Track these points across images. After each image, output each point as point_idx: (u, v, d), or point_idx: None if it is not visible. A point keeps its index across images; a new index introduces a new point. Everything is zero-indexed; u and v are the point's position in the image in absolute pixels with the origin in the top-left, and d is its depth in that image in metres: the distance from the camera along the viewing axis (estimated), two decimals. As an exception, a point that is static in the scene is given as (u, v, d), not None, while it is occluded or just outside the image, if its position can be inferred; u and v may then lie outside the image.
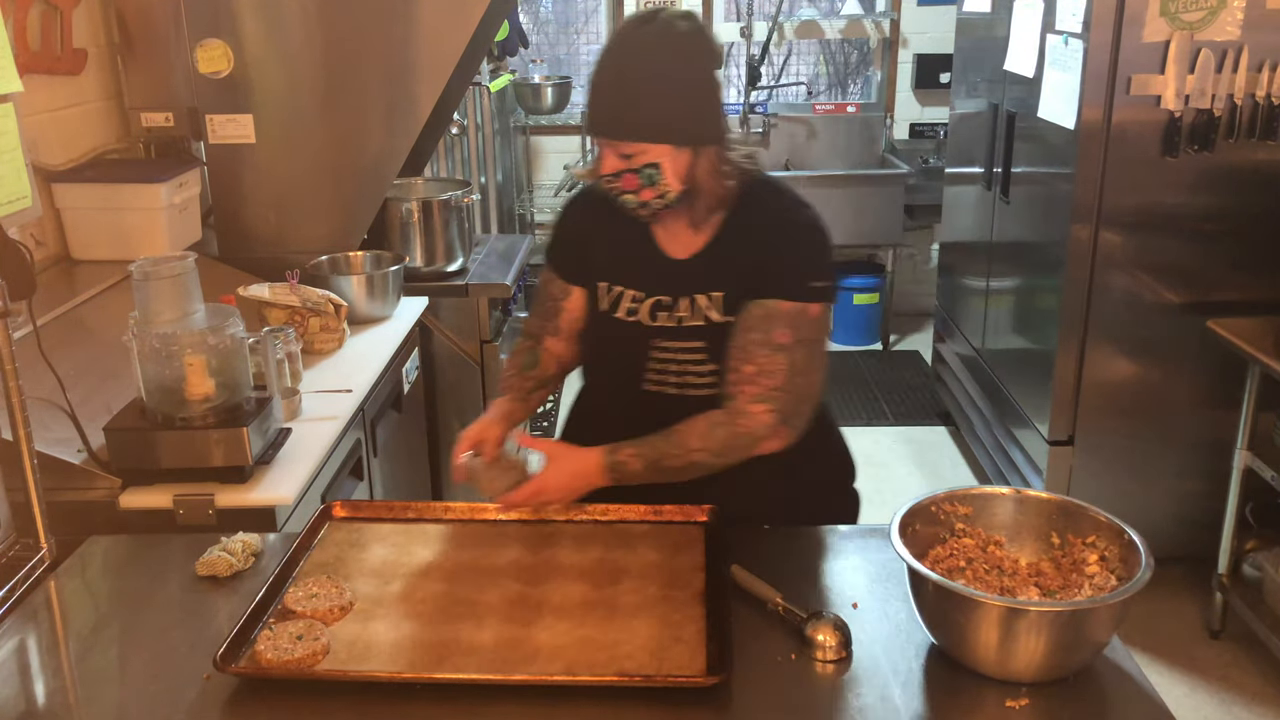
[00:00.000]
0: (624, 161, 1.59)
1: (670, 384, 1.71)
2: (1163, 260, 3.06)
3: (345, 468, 2.31)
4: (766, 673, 1.38)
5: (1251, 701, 2.83)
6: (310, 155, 3.00)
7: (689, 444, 1.62)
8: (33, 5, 2.60)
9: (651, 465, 1.63)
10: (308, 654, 1.36)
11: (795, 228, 1.67)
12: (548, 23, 5.80)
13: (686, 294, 1.69)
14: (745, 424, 1.62)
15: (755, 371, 1.62)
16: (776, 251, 1.65)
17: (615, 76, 1.58)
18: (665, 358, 1.70)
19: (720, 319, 1.67)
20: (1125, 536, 1.43)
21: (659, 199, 1.61)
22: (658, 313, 1.71)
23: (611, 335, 1.75)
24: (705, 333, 1.68)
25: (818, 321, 1.65)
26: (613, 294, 1.74)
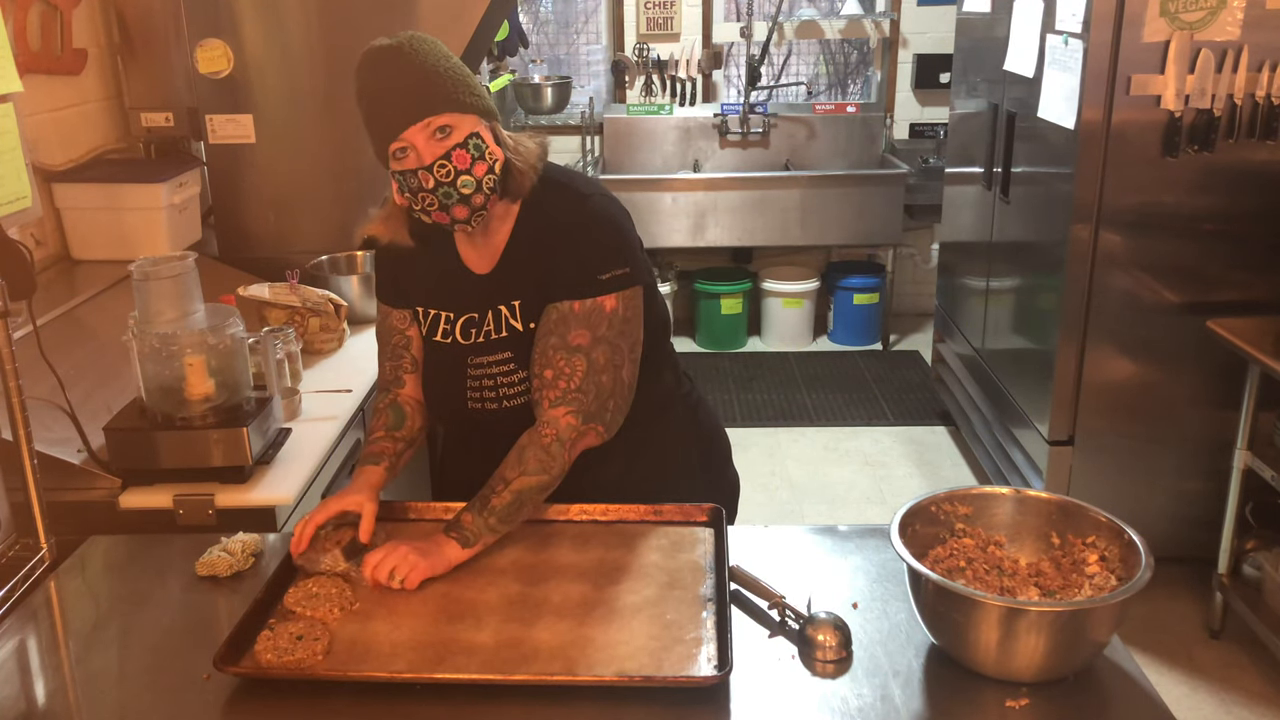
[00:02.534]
0: (444, 142, 1.54)
1: (489, 399, 1.71)
2: (1163, 260, 3.06)
3: (345, 468, 2.31)
4: (766, 673, 1.38)
5: (1251, 701, 2.83)
6: (310, 155, 3.00)
7: (506, 476, 1.60)
8: (33, 5, 2.60)
9: (482, 510, 1.58)
10: (308, 654, 1.36)
11: (578, 223, 1.65)
12: (548, 23, 5.80)
13: (490, 307, 1.69)
14: (549, 431, 1.62)
15: (554, 375, 1.62)
16: (563, 251, 1.63)
17: (392, 74, 1.54)
18: (480, 374, 1.70)
19: (523, 328, 1.67)
20: (1125, 536, 1.43)
21: (490, 173, 1.57)
22: (469, 330, 1.70)
23: (433, 359, 1.76)
24: (510, 343, 1.68)
25: (615, 314, 1.63)
26: (429, 318, 1.74)
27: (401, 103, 1.54)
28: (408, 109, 1.54)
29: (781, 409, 4.74)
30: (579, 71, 5.79)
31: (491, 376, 1.70)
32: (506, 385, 1.69)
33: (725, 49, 5.63)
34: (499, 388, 1.70)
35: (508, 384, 1.69)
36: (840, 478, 4.11)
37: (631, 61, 5.52)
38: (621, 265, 1.64)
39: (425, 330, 1.76)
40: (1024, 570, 1.48)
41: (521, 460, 1.61)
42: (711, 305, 5.38)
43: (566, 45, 5.80)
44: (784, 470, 4.17)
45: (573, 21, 5.76)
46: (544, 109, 5.28)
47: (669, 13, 5.44)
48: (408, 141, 1.55)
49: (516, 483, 1.60)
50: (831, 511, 3.83)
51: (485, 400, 1.71)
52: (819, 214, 5.11)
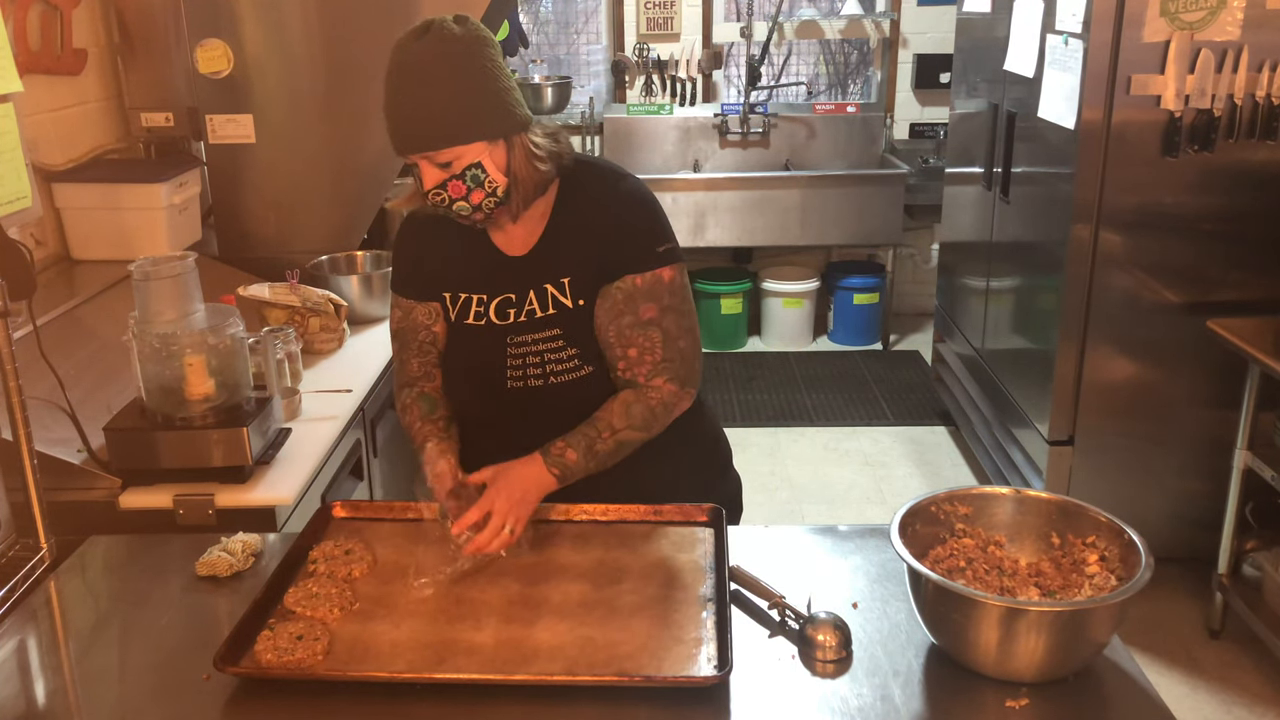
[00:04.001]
0: (445, 171, 1.58)
1: (533, 376, 1.71)
2: (1163, 260, 3.06)
3: (345, 468, 2.31)
4: (766, 673, 1.38)
5: (1251, 701, 2.83)
6: (310, 155, 3.00)
7: (614, 424, 1.67)
8: (33, 5, 2.60)
9: (586, 453, 1.65)
10: (308, 654, 1.36)
11: (624, 201, 1.70)
12: (548, 23, 5.80)
13: (533, 286, 1.70)
14: (655, 396, 1.69)
15: (638, 353, 1.69)
16: (614, 229, 1.68)
17: (409, 94, 1.56)
18: (523, 352, 1.71)
19: (572, 305, 1.69)
20: (1125, 536, 1.43)
21: (490, 197, 1.61)
22: (505, 310, 1.72)
23: (466, 342, 1.76)
24: (559, 320, 1.70)
25: (673, 284, 1.70)
26: (459, 302, 1.75)
27: (409, 133, 1.57)
28: (414, 140, 1.57)
29: (781, 409, 4.74)
30: (579, 71, 5.79)
31: (538, 354, 1.70)
32: (555, 362, 1.70)
33: (725, 49, 5.63)
34: (546, 364, 1.70)
35: (555, 360, 1.70)
36: (840, 478, 4.11)
37: (631, 61, 5.52)
38: (670, 240, 1.71)
39: (455, 315, 1.76)
40: (1024, 570, 1.48)
41: (629, 414, 1.68)
42: (711, 305, 5.38)
43: (566, 45, 5.80)
44: (784, 470, 4.17)
45: (573, 21, 5.76)
46: (544, 109, 5.28)
47: (669, 13, 5.44)
48: (417, 164, 1.60)
49: (623, 433, 1.67)
50: (831, 511, 3.84)
51: (530, 378, 1.71)
52: (819, 214, 5.11)
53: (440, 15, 1.60)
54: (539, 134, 1.65)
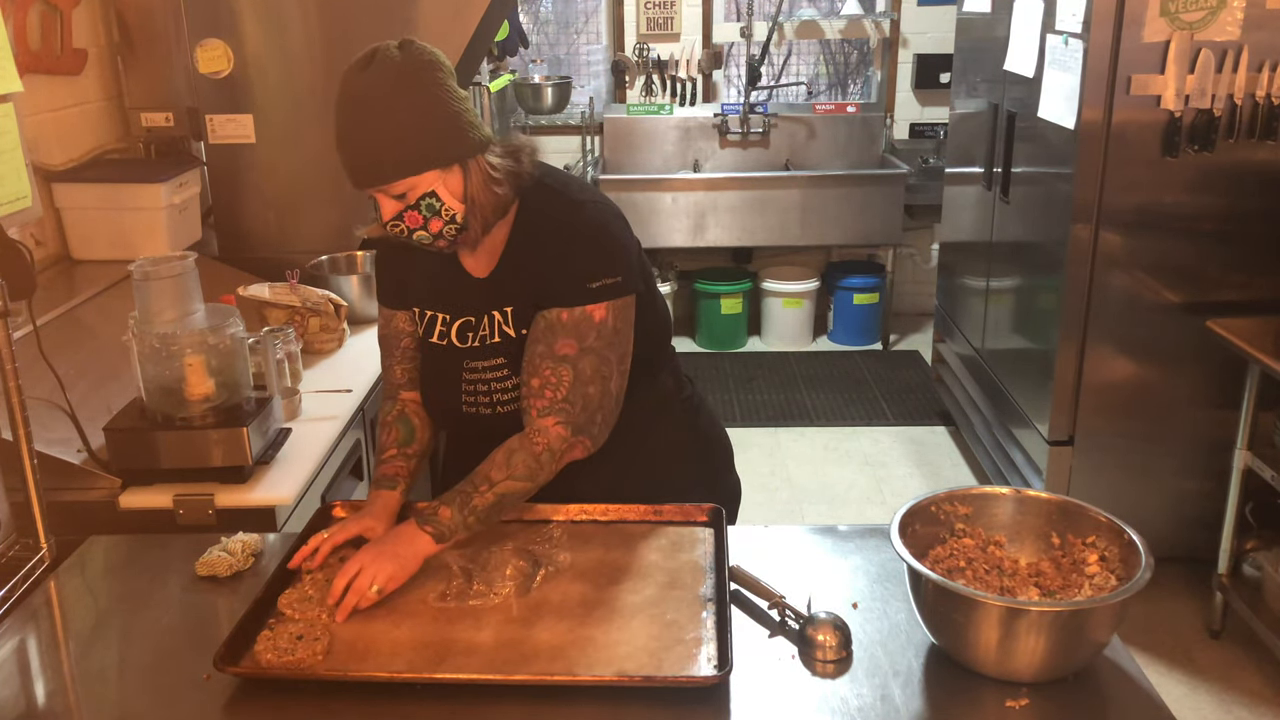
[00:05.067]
0: (400, 202, 1.55)
1: (483, 404, 1.70)
2: (1163, 260, 3.06)
3: (345, 468, 2.31)
4: (766, 673, 1.38)
5: (1251, 701, 2.83)
6: (310, 155, 3.00)
7: (492, 477, 1.59)
8: (33, 5, 2.60)
9: (462, 508, 1.57)
10: (308, 654, 1.36)
11: (570, 231, 1.62)
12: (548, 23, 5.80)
13: (486, 311, 1.69)
14: (540, 440, 1.61)
15: (540, 385, 1.61)
16: (554, 259, 1.62)
17: (356, 127, 1.53)
18: (475, 378, 1.70)
19: (515, 334, 1.67)
20: (1125, 536, 1.43)
21: (450, 224, 1.57)
22: (465, 333, 1.70)
23: (429, 360, 1.76)
24: (503, 349, 1.68)
25: (604, 325, 1.61)
26: (426, 318, 1.74)
27: (360, 167, 1.55)
28: (365, 174, 1.55)
29: (781, 409, 4.74)
30: (579, 71, 5.79)
31: (485, 382, 1.70)
32: (500, 391, 1.69)
33: (725, 49, 5.63)
34: (492, 393, 1.70)
35: (500, 390, 1.69)
36: (840, 478, 4.11)
37: (631, 61, 5.52)
38: (613, 274, 1.61)
39: (422, 331, 1.76)
40: (1024, 570, 1.48)
41: (510, 464, 1.60)
42: (711, 305, 5.38)
43: (566, 45, 5.80)
44: (784, 470, 4.17)
45: (573, 21, 5.76)
46: (544, 109, 5.28)
47: (669, 13, 5.44)
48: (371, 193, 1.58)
49: (502, 485, 1.59)
50: (831, 511, 3.84)
51: (479, 405, 1.71)
52: (819, 214, 5.11)
53: (385, 41, 1.57)
54: (498, 154, 1.60)
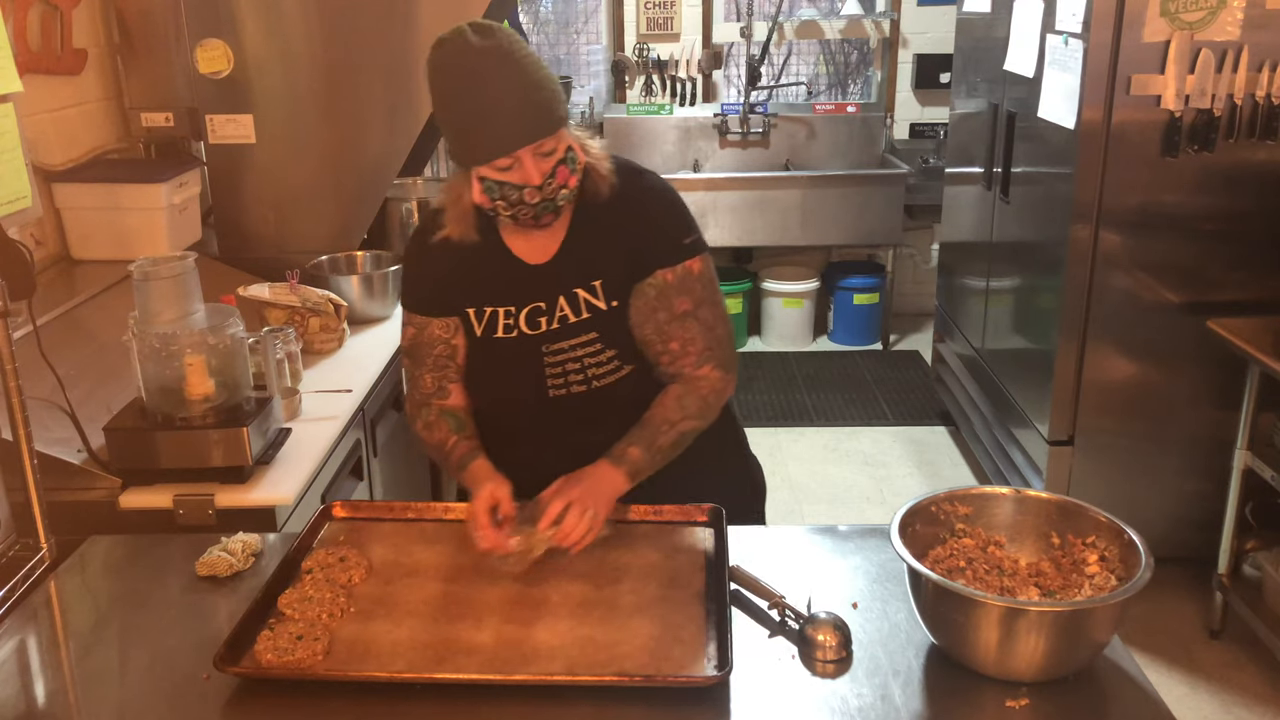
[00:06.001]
0: (549, 160, 1.55)
1: (575, 382, 1.71)
2: (1163, 260, 3.06)
3: (345, 468, 2.31)
4: (766, 673, 1.38)
5: (1251, 701, 2.83)
6: (310, 155, 3.00)
7: (670, 418, 1.68)
8: (33, 5, 2.60)
9: (649, 448, 1.66)
10: (308, 654, 1.36)
11: (647, 197, 1.71)
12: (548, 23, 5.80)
13: (562, 293, 1.69)
14: (704, 385, 1.72)
15: (680, 346, 1.70)
16: (641, 226, 1.68)
17: (498, 91, 1.50)
18: (561, 358, 1.70)
19: (606, 306, 1.69)
20: (1125, 536, 1.43)
21: (579, 183, 1.62)
22: (537, 319, 1.70)
23: (499, 356, 1.74)
24: (594, 323, 1.69)
25: (703, 275, 1.71)
26: (486, 316, 1.73)
27: (517, 123, 1.52)
28: (520, 132, 1.52)
29: (781, 409, 4.74)
30: (579, 71, 5.79)
31: (577, 359, 1.70)
32: (594, 365, 1.70)
33: (725, 49, 5.63)
34: (586, 369, 1.70)
35: (595, 364, 1.70)
36: (840, 478, 4.11)
37: (631, 61, 5.52)
38: (694, 231, 1.72)
39: (481, 330, 1.73)
40: (1024, 570, 1.48)
41: (683, 405, 1.69)
42: (711, 305, 5.38)
43: (566, 45, 5.80)
44: (784, 470, 4.17)
45: (573, 21, 5.76)
46: (544, 109, 5.27)
47: (669, 13, 5.44)
48: (516, 158, 1.54)
49: (681, 424, 1.69)
50: (831, 511, 3.83)
51: (572, 384, 1.71)
52: (819, 214, 5.11)
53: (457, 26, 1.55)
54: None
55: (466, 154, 1.57)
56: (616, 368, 1.71)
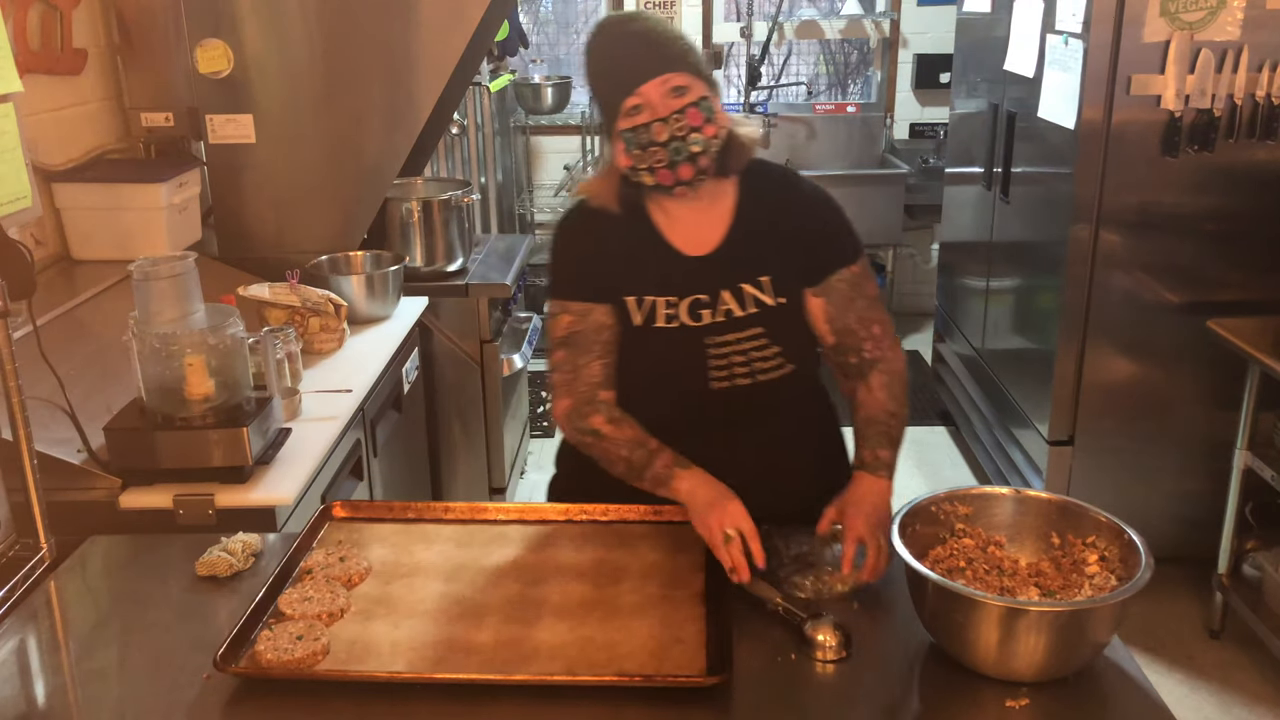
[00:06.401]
0: (681, 98, 1.58)
1: (739, 375, 1.70)
2: (1163, 260, 3.06)
3: (345, 468, 2.31)
4: (766, 673, 1.38)
5: (1251, 701, 2.83)
6: (310, 155, 3.00)
7: (891, 409, 1.73)
8: (33, 5, 2.60)
9: (892, 443, 1.69)
10: (308, 654, 1.36)
11: (817, 201, 1.76)
12: (548, 23, 5.80)
13: (726, 287, 1.69)
14: (897, 367, 1.77)
15: (882, 329, 1.77)
16: (818, 229, 1.74)
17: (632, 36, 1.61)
18: (726, 351, 1.69)
19: (774, 303, 1.70)
20: (1125, 536, 1.43)
21: (714, 140, 1.61)
22: (699, 311, 1.69)
23: (657, 346, 1.71)
24: (761, 319, 1.69)
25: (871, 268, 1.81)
26: (645, 305, 1.70)
27: (641, 59, 1.59)
28: (648, 64, 1.58)
29: (781, 409, 4.73)
30: (579, 71, 5.79)
31: (743, 353, 1.69)
32: (760, 360, 1.70)
33: (725, 49, 5.63)
34: (751, 363, 1.70)
35: (761, 359, 1.70)
36: (840, 478, 4.09)
37: (631, 61, 5.51)
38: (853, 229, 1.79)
39: (641, 319, 1.70)
40: (1024, 570, 1.48)
41: (893, 395, 1.74)
42: (711, 305, 5.37)
43: (566, 45, 5.80)
44: (784, 470, 4.16)
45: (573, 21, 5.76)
46: (544, 109, 5.28)
47: (669, 13, 5.44)
48: (644, 97, 1.58)
49: (901, 413, 1.73)
50: (831, 511, 3.82)
51: (736, 378, 1.70)
52: (819, 214, 5.10)
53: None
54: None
55: (608, 105, 1.62)
56: (780, 364, 1.71)
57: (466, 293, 3.18)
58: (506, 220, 5.07)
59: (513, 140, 5.33)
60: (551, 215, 5.63)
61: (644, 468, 1.65)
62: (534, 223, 5.60)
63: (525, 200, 5.49)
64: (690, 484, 1.61)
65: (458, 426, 3.33)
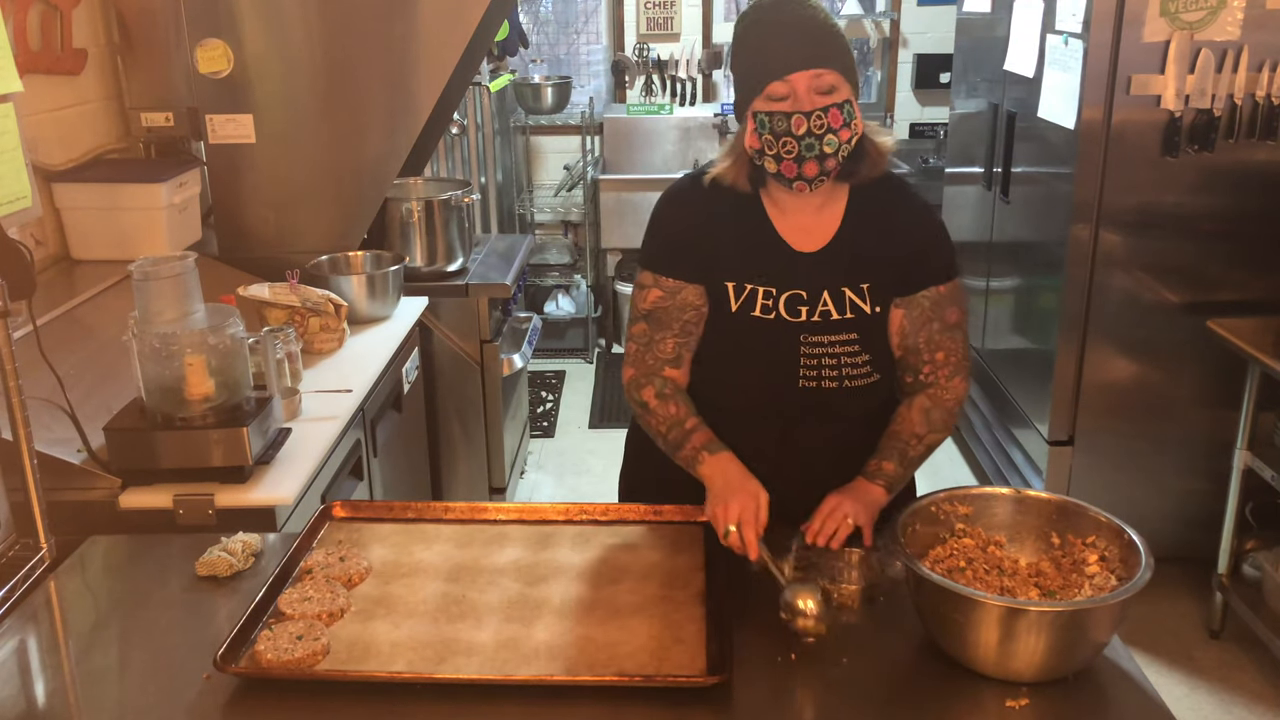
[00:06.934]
0: (827, 97, 1.55)
1: (828, 378, 1.69)
2: (1163, 260, 3.06)
3: (345, 468, 2.31)
4: (766, 673, 1.38)
5: (1251, 701, 2.83)
6: (310, 155, 3.00)
7: (917, 432, 1.70)
8: (33, 5, 2.60)
9: (901, 460, 1.68)
10: (308, 654, 1.36)
11: (925, 215, 1.74)
12: (548, 23, 5.79)
13: (827, 287, 1.67)
14: (950, 398, 1.73)
15: (945, 356, 1.72)
16: (921, 242, 1.71)
17: (795, 17, 1.56)
18: (819, 352, 1.68)
19: (870, 311, 1.69)
20: (1125, 536, 1.43)
21: (847, 145, 1.59)
22: (797, 307, 1.67)
23: (751, 335, 1.69)
24: (857, 325, 1.68)
25: (964, 290, 1.78)
26: (745, 292, 1.68)
27: (799, 46, 1.55)
28: (804, 53, 1.55)
29: (781, 409, 4.73)
30: (579, 71, 5.79)
31: (834, 356, 1.68)
32: (851, 366, 1.69)
33: (725, 49, 5.62)
34: (842, 367, 1.69)
35: (852, 365, 1.69)
36: (840, 478, 4.09)
37: (631, 61, 5.52)
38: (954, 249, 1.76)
39: (737, 305, 1.68)
40: (1024, 570, 1.48)
41: (929, 420, 1.71)
42: (711, 305, 5.37)
43: (566, 45, 5.80)
44: (784, 470, 4.16)
45: (573, 21, 5.76)
46: (544, 109, 5.28)
47: (669, 13, 5.44)
48: (792, 85, 1.55)
49: (928, 438, 1.71)
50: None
51: (824, 380, 1.69)
52: (819, 214, 5.10)
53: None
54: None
55: (750, 84, 1.58)
56: (869, 373, 1.70)
57: (466, 293, 3.19)
58: (506, 220, 5.07)
59: (513, 140, 5.33)
60: (551, 215, 5.64)
61: (678, 447, 1.68)
62: (534, 223, 5.60)
63: (525, 200, 5.49)
64: (711, 470, 1.63)
65: (458, 426, 3.33)
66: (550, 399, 4.94)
